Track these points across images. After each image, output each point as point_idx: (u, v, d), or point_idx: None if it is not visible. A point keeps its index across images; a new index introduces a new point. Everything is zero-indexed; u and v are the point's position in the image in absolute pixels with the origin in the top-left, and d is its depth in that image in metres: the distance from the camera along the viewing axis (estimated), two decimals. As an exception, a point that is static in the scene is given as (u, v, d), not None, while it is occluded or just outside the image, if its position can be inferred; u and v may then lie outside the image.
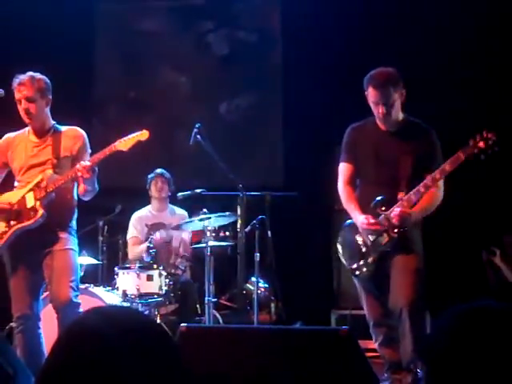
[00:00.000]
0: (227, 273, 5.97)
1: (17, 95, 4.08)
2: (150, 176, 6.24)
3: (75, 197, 4.22)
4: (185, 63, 7.42)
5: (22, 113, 4.11)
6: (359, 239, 3.93)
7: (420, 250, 3.93)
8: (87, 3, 7.32)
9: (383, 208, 3.86)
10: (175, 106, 7.37)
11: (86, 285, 5.39)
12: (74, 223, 4.22)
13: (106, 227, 6.28)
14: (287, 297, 6.04)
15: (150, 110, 7.32)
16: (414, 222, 3.87)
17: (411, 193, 3.80)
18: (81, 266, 5.46)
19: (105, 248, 6.25)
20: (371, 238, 3.86)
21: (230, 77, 7.33)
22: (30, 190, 4.07)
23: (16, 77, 4.10)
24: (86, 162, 3.95)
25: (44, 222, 4.04)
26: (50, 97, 4.16)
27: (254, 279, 5.66)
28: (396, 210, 3.79)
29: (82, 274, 5.47)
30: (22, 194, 4.09)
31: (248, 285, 6.02)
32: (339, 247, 4.10)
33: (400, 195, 3.84)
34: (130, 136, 3.99)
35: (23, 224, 4.05)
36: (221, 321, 5.73)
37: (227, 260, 5.88)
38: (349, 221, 4.06)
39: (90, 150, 4.22)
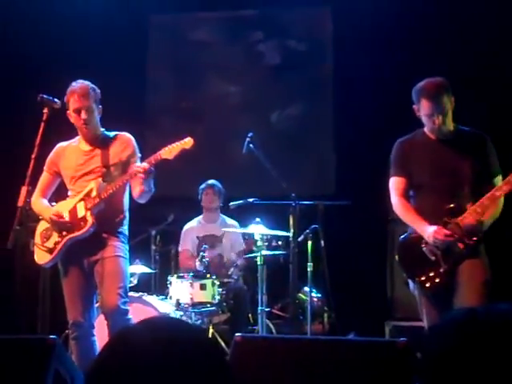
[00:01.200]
0: (279, 282, 5.93)
1: (75, 105, 4.08)
2: (201, 187, 6.27)
3: (126, 204, 4.24)
4: (236, 73, 7.45)
5: (78, 122, 4.13)
6: (426, 250, 3.82)
7: (487, 261, 3.83)
8: (140, 15, 7.42)
9: (451, 217, 3.77)
10: (227, 115, 7.39)
11: (140, 293, 5.43)
12: (125, 230, 4.24)
13: (158, 237, 6.33)
14: (340, 307, 5.98)
15: (201, 120, 7.36)
16: (484, 230, 3.80)
17: (477, 204, 3.73)
18: (134, 274, 5.51)
19: (157, 257, 6.30)
20: (442, 247, 3.77)
21: (281, 86, 7.33)
22: (81, 199, 4.11)
23: (72, 86, 4.11)
24: (144, 164, 3.96)
25: (94, 230, 4.08)
26: (100, 106, 4.21)
27: (306, 289, 5.62)
28: (468, 217, 3.71)
29: (135, 282, 5.53)
30: (74, 203, 4.13)
31: (300, 294, 5.98)
32: (399, 259, 3.98)
33: (468, 204, 3.76)
34: (174, 144, 3.98)
35: (74, 234, 4.09)
36: (273, 330, 5.71)
37: (279, 269, 5.85)
38: (407, 232, 3.95)
39: (139, 154, 4.23)
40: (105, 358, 1.46)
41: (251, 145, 5.43)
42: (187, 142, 3.98)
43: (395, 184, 3.99)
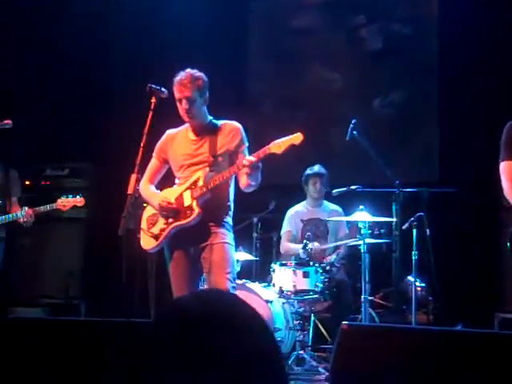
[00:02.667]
0: (381, 271, 5.85)
1: (177, 95, 4.11)
2: (307, 173, 6.21)
3: (231, 194, 4.25)
4: (337, 59, 7.38)
5: (181, 112, 4.16)
6: None
7: None
8: (240, 3, 7.47)
9: None
10: (328, 102, 7.33)
11: (244, 280, 5.48)
12: (229, 219, 4.25)
13: (259, 224, 6.36)
14: (445, 297, 5.83)
15: (303, 107, 7.35)
16: None
17: None
18: (238, 261, 5.56)
19: (258, 244, 6.34)
20: None
21: (384, 71, 7.20)
22: (188, 188, 4.14)
23: (176, 75, 4.14)
24: (252, 158, 3.95)
25: (200, 219, 4.11)
26: (208, 94, 4.18)
27: (410, 278, 5.51)
28: None
29: (238, 269, 5.57)
30: (180, 191, 4.17)
31: (404, 284, 5.87)
32: (511, 249, 3.82)
33: None
34: (283, 139, 3.91)
35: (180, 222, 4.13)
36: (376, 319, 5.64)
37: (382, 258, 5.76)
38: None
39: (247, 143, 4.20)
40: (160, 321, 1.67)
41: (355, 132, 5.36)
42: (296, 137, 3.89)
43: (505, 169, 3.83)
